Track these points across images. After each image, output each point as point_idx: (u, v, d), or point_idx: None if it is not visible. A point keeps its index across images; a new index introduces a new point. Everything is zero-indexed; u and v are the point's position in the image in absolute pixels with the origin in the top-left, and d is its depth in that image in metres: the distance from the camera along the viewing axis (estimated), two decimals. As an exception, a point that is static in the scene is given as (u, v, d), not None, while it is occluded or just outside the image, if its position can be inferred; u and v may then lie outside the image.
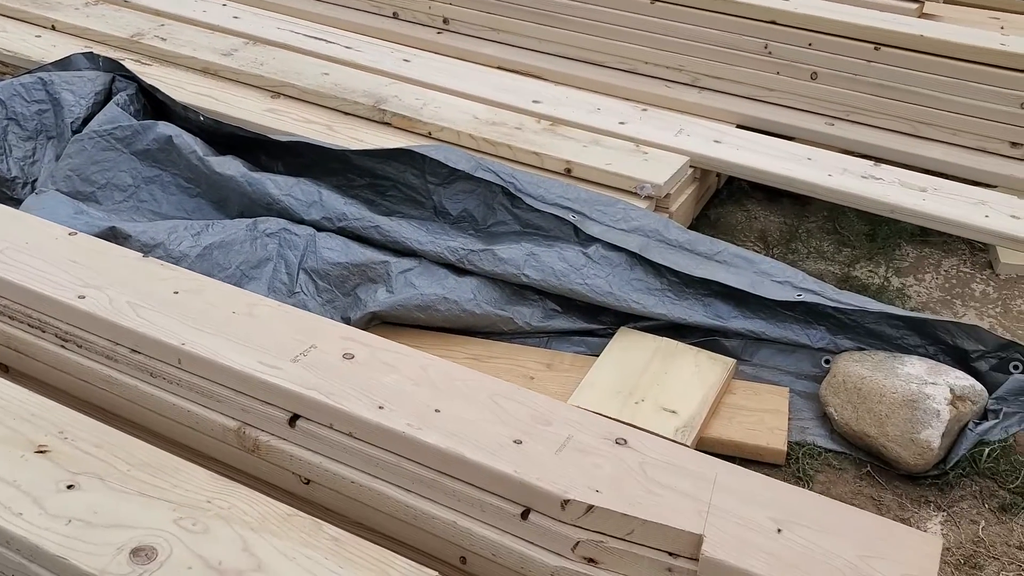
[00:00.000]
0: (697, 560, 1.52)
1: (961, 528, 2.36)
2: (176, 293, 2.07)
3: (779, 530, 1.54)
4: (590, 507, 1.57)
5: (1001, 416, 2.52)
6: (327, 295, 2.86)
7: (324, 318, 2.06)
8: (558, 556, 1.59)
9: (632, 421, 2.46)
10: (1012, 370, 2.58)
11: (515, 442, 1.69)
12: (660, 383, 2.60)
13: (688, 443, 2.42)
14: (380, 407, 1.74)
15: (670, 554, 1.55)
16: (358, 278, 2.85)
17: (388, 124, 3.40)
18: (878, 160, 3.35)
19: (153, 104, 3.46)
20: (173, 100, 3.37)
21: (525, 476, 1.60)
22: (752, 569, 1.45)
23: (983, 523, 2.37)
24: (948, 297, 3.22)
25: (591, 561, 1.58)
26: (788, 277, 2.77)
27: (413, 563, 1.47)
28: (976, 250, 3.46)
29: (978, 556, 2.28)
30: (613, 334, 2.80)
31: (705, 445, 2.51)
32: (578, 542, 1.58)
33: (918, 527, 2.36)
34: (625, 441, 1.72)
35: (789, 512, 1.58)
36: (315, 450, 1.78)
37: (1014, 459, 2.50)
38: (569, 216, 2.90)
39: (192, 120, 3.31)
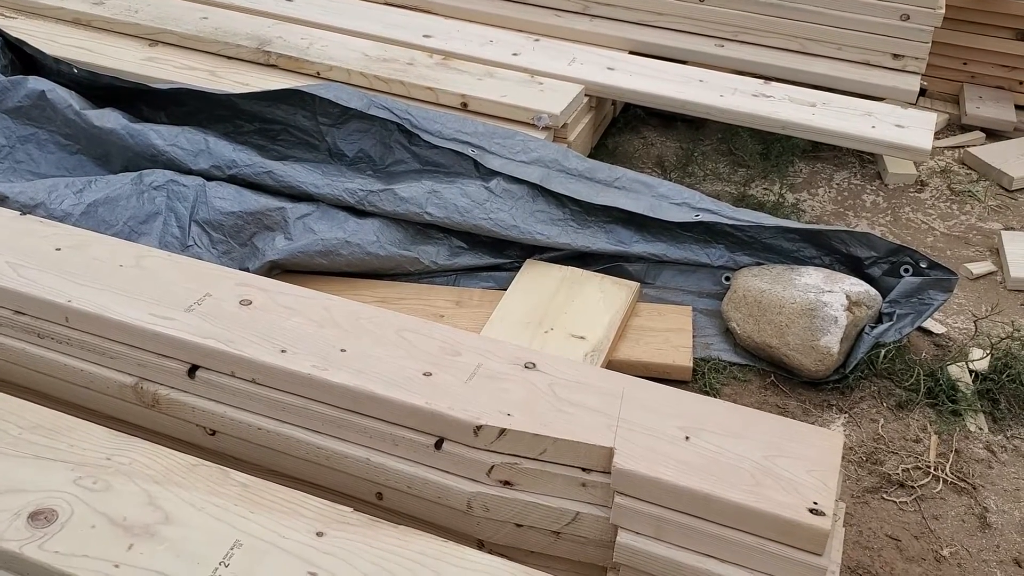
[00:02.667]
0: (608, 473, 1.54)
1: (862, 427, 2.45)
2: (58, 250, 1.97)
3: (687, 438, 1.57)
4: (502, 431, 1.57)
5: (895, 318, 2.62)
6: (222, 246, 2.77)
7: (218, 265, 1.99)
8: (474, 482, 1.59)
9: (542, 349, 2.48)
10: (903, 273, 2.67)
11: (425, 375, 1.67)
12: (568, 311, 2.61)
13: (597, 366, 2.44)
14: (283, 351, 1.70)
15: (583, 469, 1.57)
16: (254, 227, 2.77)
17: (274, 66, 3.29)
18: (768, 79, 3.40)
19: (22, 59, 3.27)
20: (43, 54, 3.19)
21: (436, 406, 1.59)
22: (662, 476, 1.48)
23: (882, 421, 2.47)
24: (841, 209, 3.31)
25: (507, 484, 1.59)
26: (686, 199, 2.80)
27: (326, 501, 1.46)
28: (865, 162, 3.56)
29: (879, 452, 2.38)
30: (520, 267, 2.79)
31: (613, 367, 2.53)
32: (493, 466, 1.58)
33: (822, 430, 2.44)
34: (534, 365, 1.72)
35: (696, 420, 1.62)
36: (218, 400, 1.73)
37: (908, 358, 2.61)
38: (468, 151, 2.86)
39: (65, 74, 3.14)
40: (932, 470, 2.33)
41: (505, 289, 2.74)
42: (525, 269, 2.78)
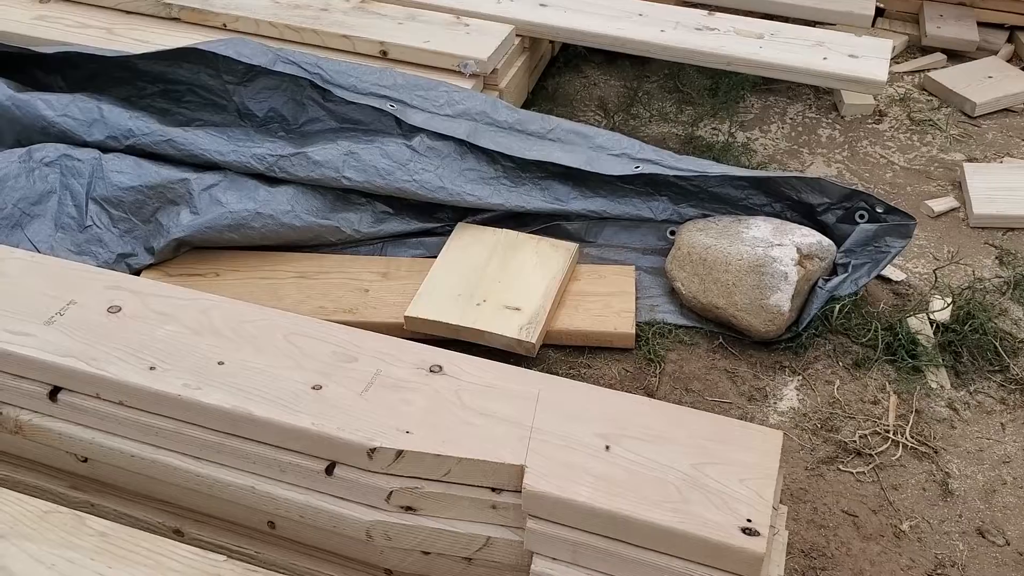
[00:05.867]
0: (520, 492, 1.37)
1: (817, 390, 2.30)
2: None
3: (607, 447, 1.40)
4: (400, 452, 1.39)
5: (850, 269, 2.44)
6: (124, 225, 2.54)
7: (86, 266, 1.77)
8: (372, 509, 1.42)
9: (474, 325, 2.30)
10: (858, 220, 2.49)
11: (314, 388, 1.48)
12: (501, 280, 2.42)
13: (533, 340, 2.27)
14: (152, 367, 1.50)
15: (493, 490, 1.40)
16: (156, 201, 2.54)
17: (177, 20, 3.01)
18: (712, 8, 3.16)
19: None
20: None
21: (324, 428, 1.40)
22: (577, 497, 1.31)
23: (838, 382, 2.31)
24: (795, 146, 3.12)
25: (409, 509, 1.41)
26: (625, 149, 2.59)
27: (196, 551, 1.28)
28: (821, 94, 3.35)
29: (834, 418, 2.23)
30: (451, 231, 2.59)
31: (552, 339, 2.37)
32: (392, 491, 1.40)
33: (774, 395, 2.29)
34: (440, 368, 1.53)
35: (618, 424, 1.44)
36: (85, 424, 1.53)
37: (865, 311, 2.44)
38: (387, 106, 2.63)
39: (-58, 40, 2.86)
40: (891, 435, 2.19)
41: (436, 256, 2.54)
42: (456, 234, 2.58)
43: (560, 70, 3.41)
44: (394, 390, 1.48)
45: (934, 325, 2.42)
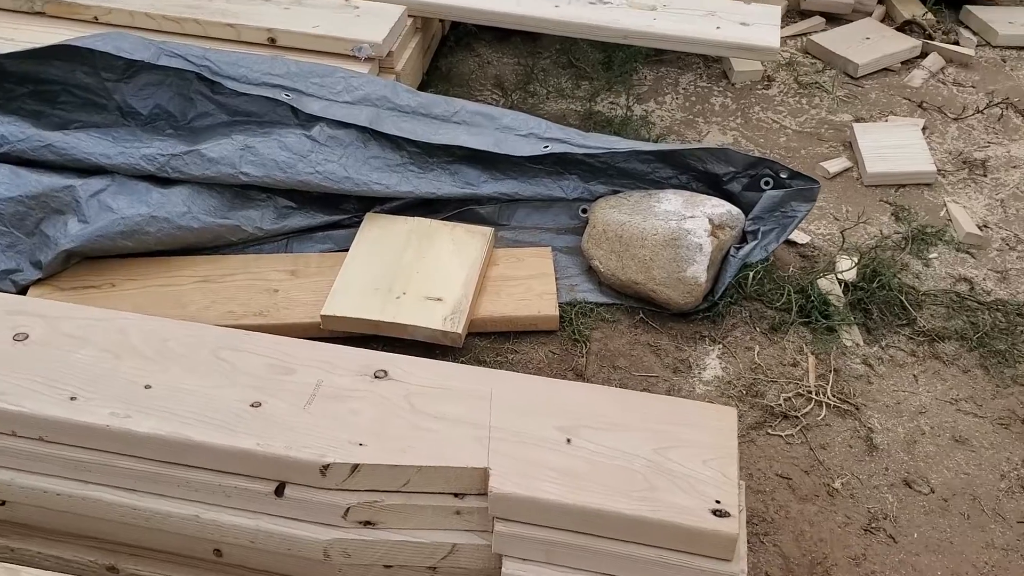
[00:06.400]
0: (485, 495, 1.33)
1: (738, 357, 2.34)
2: None
3: (568, 440, 1.37)
4: (355, 466, 1.33)
5: (759, 236, 2.48)
6: (6, 239, 2.35)
7: (-18, 292, 1.63)
8: (328, 527, 1.35)
9: (397, 319, 2.23)
10: (764, 187, 2.53)
11: (253, 405, 1.40)
12: (419, 270, 2.36)
13: (459, 330, 2.22)
14: (72, 398, 1.39)
15: (456, 495, 1.35)
16: (40, 212, 2.36)
17: (41, 14, 2.80)
18: (603, -19, 3.14)
19: None
20: None
21: (271, 448, 1.33)
22: (545, 496, 1.28)
23: (757, 348, 2.35)
24: (690, 116, 3.15)
25: (368, 524, 1.36)
26: (532, 128, 2.56)
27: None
28: (710, 62, 3.39)
29: (758, 384, 2.27)
30: (360, 223, 2.50)
31: (477, 327, 2.32)
32: (349, 508, 1.34)
33: (698, 365, 2.31)
34: (385, 373, 1.47)
35: (575, 415, 1.42)
36: (1, 465, 1.41)
37: (776, 276, 2.49)
38: (282, 95, 2.51)
39: None
40: (814, 395, 2.24)
41: (346, 250, 2.45)
42: (366, 225, 2.49)
43: (452, 50, 3.34)
44: (339, 400, 1.41)
45: (843, 285, 2.49)
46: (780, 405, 2.22)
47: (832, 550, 1.93)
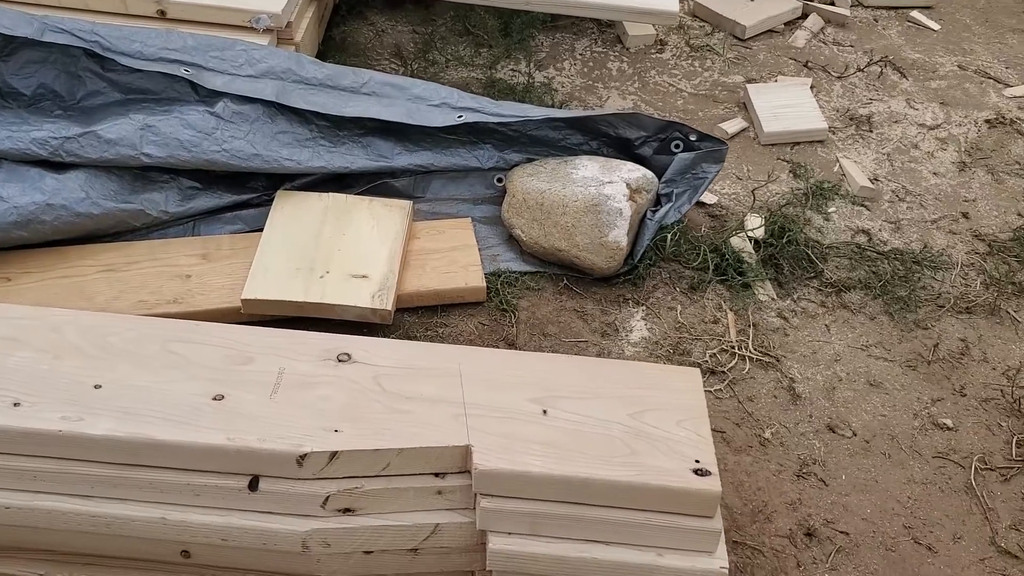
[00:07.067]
0: (467, 473, 1.32)
1: (662, 318, 2.39)
2: None
3: (544, 411, 1.37)
4: (334, 454, 1.29)
5: (673, 198, 2.54)
6: None
7: None
8: (306, 518, 1.31)
9: (323, 300, 2.17)
10: (674, 150, 2.58)
11: (215, 399, 1.33)
12: (340, 247, 2.30)
13: (388, 307, 2.18)
14: (15, 403, 1.28)
15: (436, 475, 1.33)
16: (-81, 206, 2.17)
17: None
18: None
19: None
20: None
21: (243, 441, 1.27)
22: (531, 468, 1.28)
23: (679, 307, 2.41)
24: (589, 82, 3.17)
25: (348, 511, 1.32)
26: (444, 98, 2.52)
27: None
28: (604, 27, 3.41)
29: (684, 342, 2.33)
30: (271, 201, 2.41)
31: (404, 302, 2.29)
32: (328, 496, 1.30)
33: (624, 327, 2.35)
34: (349, 356, 1.43)
35: (547, 386, 1.42)
36: (-62, 482, 1.30)
37: (691, 237, 2.55)
38: (181, 71, 2.38)
39: None
40: (737, 350, 2.32)
41: (258, 231, 2.36)
42: (278, 203, 2.41)
43: (344, 19, 3.24)
44: (306, 387, 1.37)
45: (753, 242, 2.58)
46: (706, 361, 2.28)
47: (770, 497, 2.01)
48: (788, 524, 1.96)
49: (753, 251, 2.55)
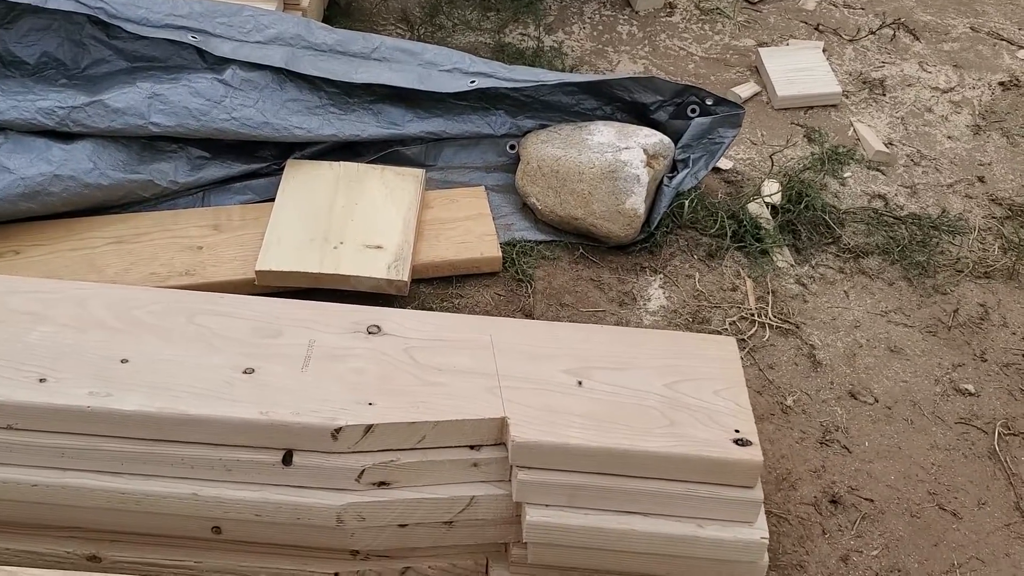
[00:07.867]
0: (502, 445, 1.30)
1: (680, 286, 2.36)
2: None
3: (580, 382, 1.35)
4: (369, 427, 1.26)
5: (690, 164, 2.50)
6: None
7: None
8: (341, 492, 1.29)
9: (338, 270, 2.14)
10: (690, 114, 2.54)
11: (245, 372, 1.30)
12: (354, 216, 2.26)
13: (404, 278, 2.15)
14: (41, 379, 1.26)
15: (472, 447, 1.31)
16: (-75, 177, 2.13)
17: None
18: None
19: None
20: None
21: (276, 415, 1.24)
22: (571, 440, 1.25)
23: (697, 275, 2.39)
24: (599, 46, 3.12)
25: (383, 484, 1.30)
26: (456, 63, 2.47)
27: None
28: (612, -10, 3.35)
29: (702, 310, 2.30)
30: (281, 170, 2.37)
31: (419, 272, 2.25)
32: (363, 470, 1.28)
33: (642, 296, 2.33)
34: (379, 328, 1.40)
35: (581, 357, 1.39)
36: (-36, 460, 1.27)
37: (709, 203, 2.52)
38: (188, 37, 2.33)
39: None
40: (756, 318, 2.30)
41: (268, 201, 2.33)
42: (289, 173, 2.37)
43: (349, -17, 3.18)
44: (338, 360, 1.34)
45: (770, 208, 2.55)
46: (726, 329, 2.26)
47: (794, 465, 2.00)
48: (813, 492, 1.95)
49: (771, 217, 2.52)
